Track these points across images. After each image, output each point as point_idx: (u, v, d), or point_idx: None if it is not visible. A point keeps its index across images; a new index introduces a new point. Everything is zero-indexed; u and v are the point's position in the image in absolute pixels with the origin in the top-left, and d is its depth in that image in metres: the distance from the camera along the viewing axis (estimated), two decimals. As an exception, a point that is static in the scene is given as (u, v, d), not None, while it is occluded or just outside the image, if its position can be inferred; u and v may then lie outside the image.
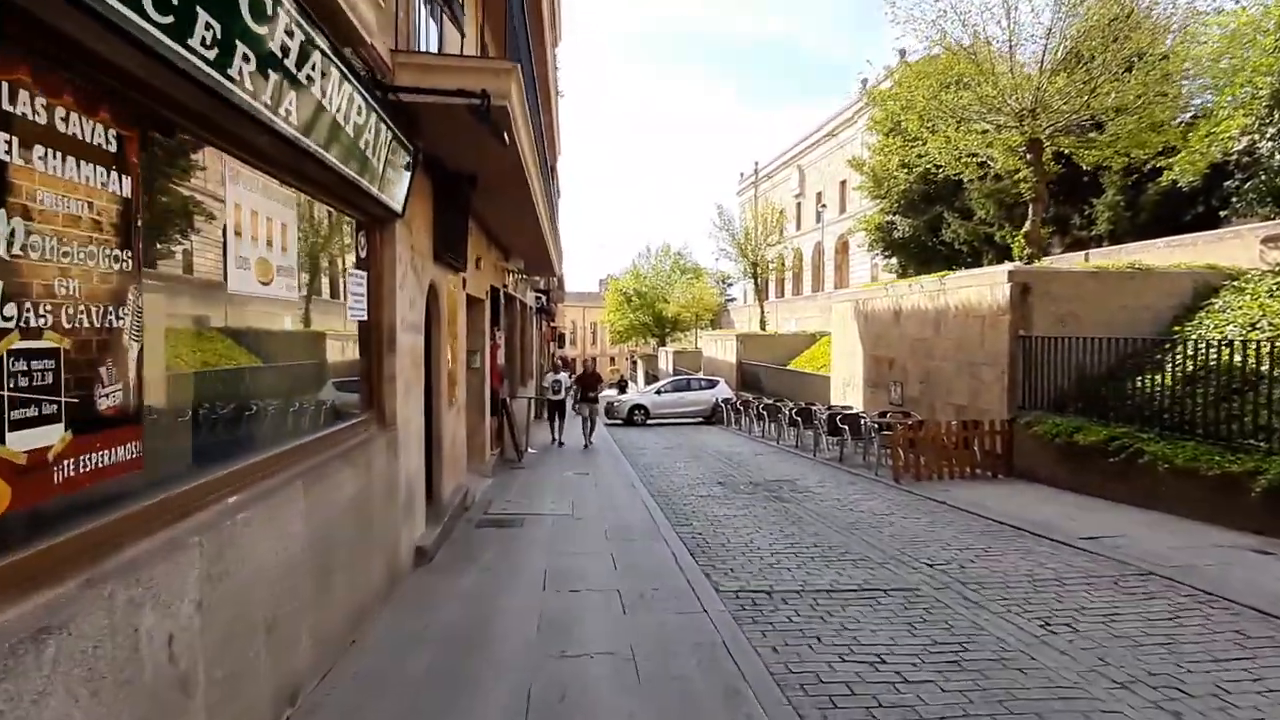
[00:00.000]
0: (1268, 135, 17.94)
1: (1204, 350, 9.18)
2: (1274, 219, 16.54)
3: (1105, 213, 23.36)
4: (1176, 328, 10.81)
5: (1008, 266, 11.74)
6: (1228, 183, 20.07)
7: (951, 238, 28.74)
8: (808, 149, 53.78)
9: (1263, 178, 18.18)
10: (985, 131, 15.06)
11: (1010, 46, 13.75)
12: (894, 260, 32.52)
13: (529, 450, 14.11)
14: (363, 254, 5.36)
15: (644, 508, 9.15)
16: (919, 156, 19.70)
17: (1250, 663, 4.49)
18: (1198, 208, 21.27)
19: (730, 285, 60.12)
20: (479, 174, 7.01)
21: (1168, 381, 9.46)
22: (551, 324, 33.61)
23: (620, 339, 59.73)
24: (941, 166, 17.02)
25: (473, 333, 10.16)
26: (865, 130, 35.65)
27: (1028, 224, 15.17)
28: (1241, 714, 3.87)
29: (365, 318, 5.30)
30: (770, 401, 19.98)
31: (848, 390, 17.61)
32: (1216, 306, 10.70)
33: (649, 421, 23.40)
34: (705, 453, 15.53)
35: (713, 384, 24.93)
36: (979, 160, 16.50)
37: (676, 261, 54.17)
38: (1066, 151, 15.19)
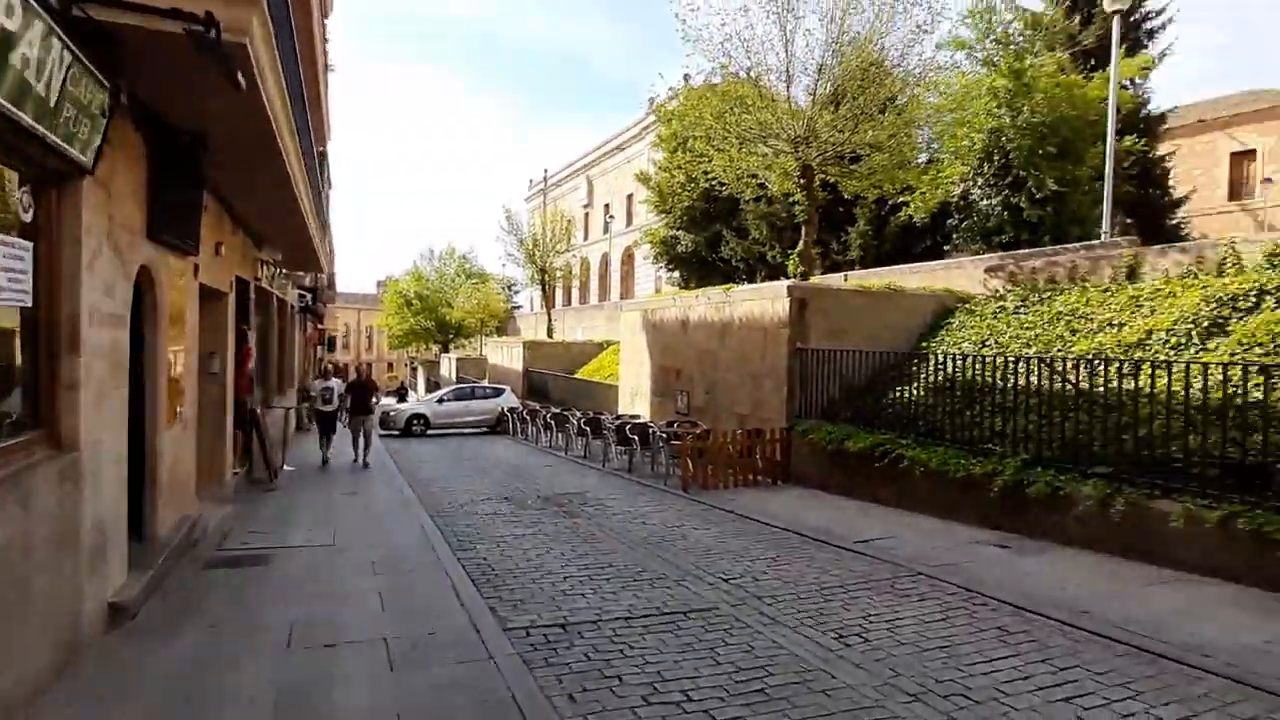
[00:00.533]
0: (977, 185, 21.11)
1: (945, 363, 10.22)
2: (983, 253, 19.48)
3: (857, 240, 26.06)
4: (924, 343, 12.01)
5: (787, 283, 12.38)
6: (950, 221, 23.36)
7: (730, 254, 30.48)
8: (597, 160, 54.64)
9: (975, 219, 21.37)
10: (765, 154, 15.90)
11: (788, 77, 14.63)
12: (676, 274, 33.86)
13: (285, 468, 12.29)
14: (27, 218, 3.97)
15: (421, 531, 8.15)
16: (705, 174, 20.45)
17: (1017, 660, 4.72)
18: (927, 241, 24.53)
19: (517, 292, 59.25)
20: (212, 134, 5.69)
21: (919, 393, 10.40)
22: (320, 326, 30.48)
23: (400, 344, 56.20)
24: (725, 184, 17.76)
25: (210, 331, 8.48)
26: (652, 146, 36.91)
27: (800, 244, 16.25)
28: (1020, 716, 3.98)
29: (28, 303, 3.91)
30: (558, 410, 19.55)
31: (635, 399, 17.68)
32: (954, 326, 12.06)
33: (429, 432, 21.90)
34: (491, 465, 14.65)
35: (498, 392, 23.99)
36: (758, 181, 17.45)
37: (462, 265, 52.15)
38: (832, 180, 16.50)
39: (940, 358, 10.51)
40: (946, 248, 23.62)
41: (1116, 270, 10.91)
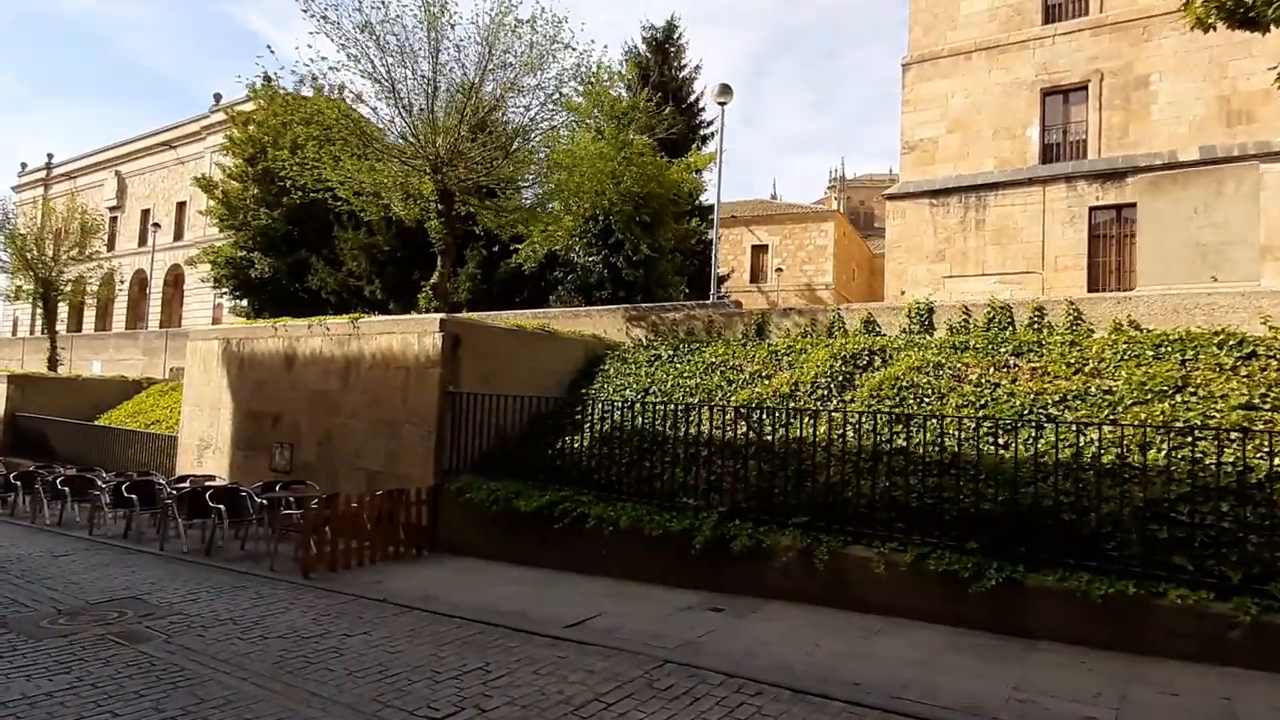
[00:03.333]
0: (582, 241, 22.31)
1: (613, 411, 9.72)
2: (582, 305, 20.42)
3: (466, 281, 25.28)
4: (583, 389, 11.40)
5: (439, 315, 10.59)
6: (556, 273, 24.25)
7: (319, 285, 26.82)
8: (134, 155, 44.19)
9: (579, 273, 22.52)
10: (397, 173, 13.90)
11: (433, 89, 13.03)
12: (245, 302, 28.63)
13: None
14: None
15: None
16: (296, 187, 17.11)
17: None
18: (527, 291, 25.10)
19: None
20: None
21: (587, 443, 9.64)
22: None
23: None
24: (333, 200, 15.09)
25: None
26: (220, 149, 30.78)
27: (435, 275, 14.53)
28: None
29: None
30: (75, 471, 13.97)
31: (206, 454, 13.54)
32: (610, 373, 11.75)
33: None
34: (-50, 564, 9.35)
35: (-42, 448, 16.42)
36: (383, 202, 15.25)
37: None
38: (470, 211, 15.24)
39: (610, 404, 9.95)
40: (551, 297, 24.34)
41: (748, 326, 11.89)
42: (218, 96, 38.53)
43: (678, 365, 11.14)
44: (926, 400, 8.46)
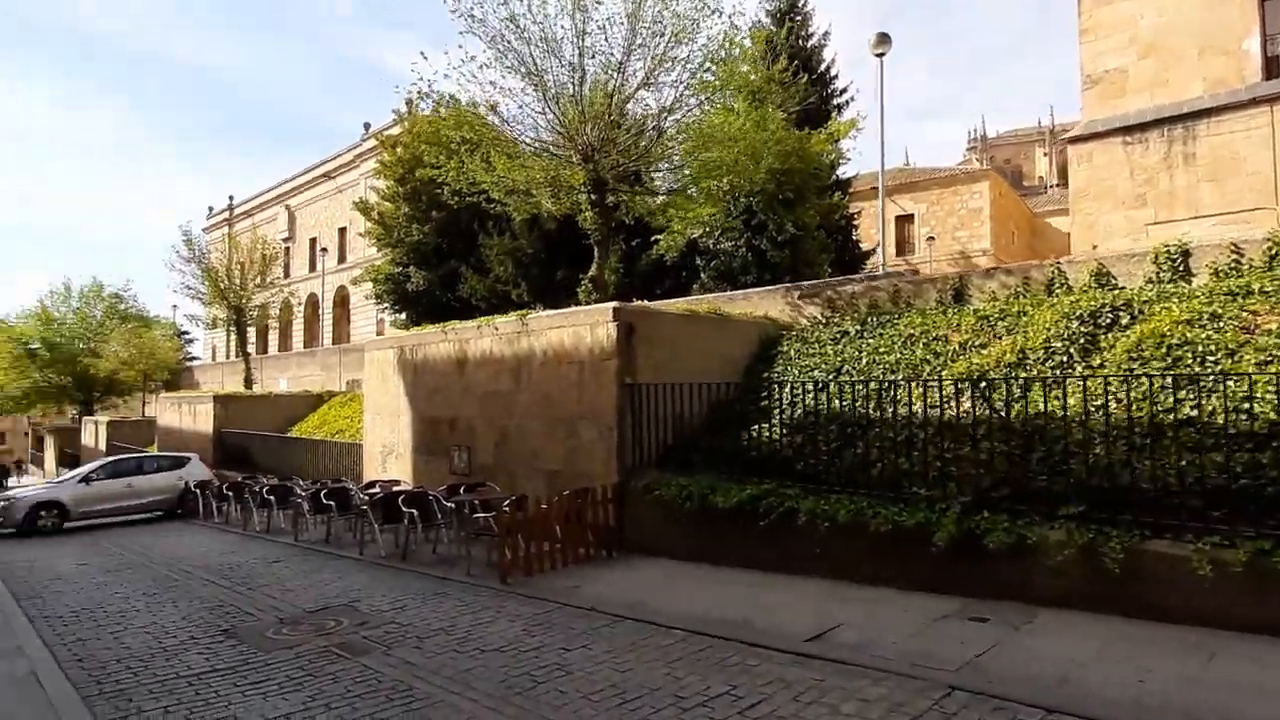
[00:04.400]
0: (718, 231, 21.46)
1: (806, 394, 8.82)
2: (727, 290, 19.48)
3: (609, 275, 25.06)
4: (766, 374, 10.57)
5: (611, 304, 10.12)
6: (698, 261, 23.51)
7: (469, 293, 27.59)
8: (299, 189, 48.04)
9: (720, 260, 21.66)
10: (546, 166, 13.66)
11: (580, 72, 12.63)
12: (404, 315, 30.10)
13: None
14: None
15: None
16: (440, 199, 17.29)
17: None
18: (675, 277, 24.48)
19: (190, 340, 49.13)
20: None
21: (780, 430, 8.80)
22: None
23: (20, 407, 42.64)
24: (487, 203, 15.11)
25: None
26: (374, 174, 32.53)
27: (593, 267, 14.23)
28: None
29: None
30: (276, 481, 14.87)
31: (390, 460, 13.94)
32: (790, 354, 10.84)
33: (69, 525, 15.44)
34: (183, 570, 9.96)
35: (180, 462, 18.06)
36: (532, 199, 15.10)
37: (113, 305, 41.41)
38: (621, 200, 14.77)
39: (800, 386, 9.05)
40: (694, 286, 23.62)
41: (942, 292, 10.56)
42: (367, 125, 40.93)
43: (870, 340, 10.02)
44: (1211, 359, 6.90)
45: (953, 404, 7.62)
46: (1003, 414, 7.14)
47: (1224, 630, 5.13)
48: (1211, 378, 6.43)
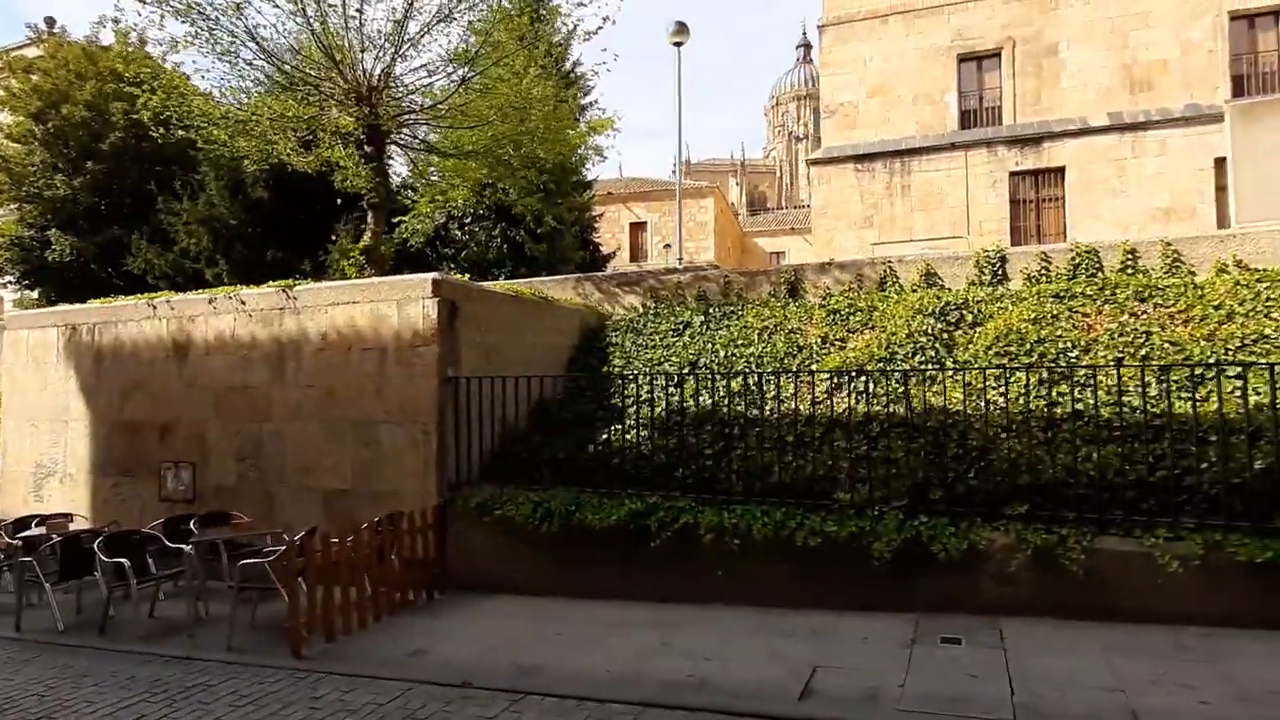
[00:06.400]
0: (468, 220, 19.87)
1: (664, 389, 7.71)
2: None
3: (340, 259, 21.73)
4: (596, 366, 9.17)
5: (430, 276, 7.83)
6: (446, 250, 21.42)
7: (143, 268, 21.76)
8: None
9: (474, 249, 20.03)
10: (311, 110, 10.70)
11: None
12: (36, 292, 23.07)
13: None
14: None
15: None
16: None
17: None
18: (418, 266, 22.06)
19: None
20: None
21: (641, 432, 7.53)
22: None
23: None
24: (142, 165, 11.51)
25: None
26: (-6, 103, 24.12)
27: (367, 236, 11.54)
28: None
29: None
30: None
31: (50, 486, 9.73)
32: (624, 346, 9.59)
33: None
34: None
35: None
36: (270, 146, 11.73)
37: None
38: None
39: (662, 380, 7.87)
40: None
41: (775, 285, 10.15)
42: (-22, 37, 30.71)
43: (721, 333, 9.19)
44: (1068, 354, 7.19)
45: (832, 399, 7.06)
46: (900, 410, 6.71)
47: (1181, 625, 5.04)
48: (1083, 372, 6.62)
